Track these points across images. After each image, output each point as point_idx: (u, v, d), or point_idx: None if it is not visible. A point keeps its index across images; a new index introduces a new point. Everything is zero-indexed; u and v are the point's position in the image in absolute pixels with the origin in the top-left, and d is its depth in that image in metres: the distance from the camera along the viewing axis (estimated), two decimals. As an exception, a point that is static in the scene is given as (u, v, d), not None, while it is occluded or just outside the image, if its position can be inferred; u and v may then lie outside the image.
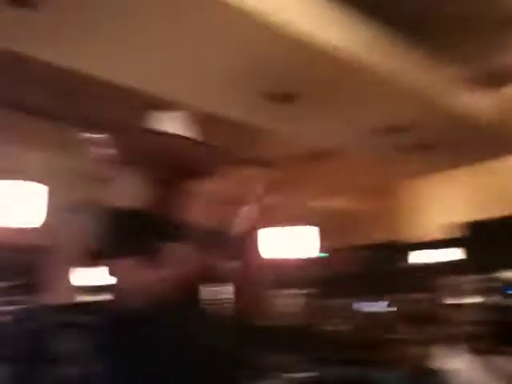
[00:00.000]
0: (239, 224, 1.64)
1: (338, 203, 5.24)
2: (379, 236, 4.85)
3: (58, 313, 5.44)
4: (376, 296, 3.54)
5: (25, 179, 3.23)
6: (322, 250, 4.35)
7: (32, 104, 3.59)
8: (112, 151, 1.75)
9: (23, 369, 4.43)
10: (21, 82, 3.16)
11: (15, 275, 5.34)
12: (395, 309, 3.56)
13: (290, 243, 4.31)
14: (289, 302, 4.27)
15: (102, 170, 1.83)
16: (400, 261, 4.69)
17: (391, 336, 3.28)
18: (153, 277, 1.59)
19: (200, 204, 1.86)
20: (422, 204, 5.25)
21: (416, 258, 4.80)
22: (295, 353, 3.80)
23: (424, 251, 4.78)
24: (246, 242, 1.68)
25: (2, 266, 7.28)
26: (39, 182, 3.23)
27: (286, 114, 3.71)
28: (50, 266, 8.19)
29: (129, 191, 1.81)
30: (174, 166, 1.76)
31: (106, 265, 1.66)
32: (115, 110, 4.00)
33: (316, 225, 4.41)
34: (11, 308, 5.26)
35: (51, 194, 3.68)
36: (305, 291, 4.10)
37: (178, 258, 1.65)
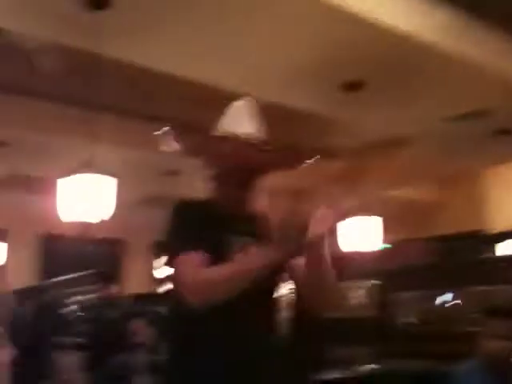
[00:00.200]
0: (315, 222, 1.58)
1: (410, 193, 5.13)
2: (453, 226, 4.72)
3: (133, 302, 5.63)
4: (450, 287, 3.44)
5: (96, 173, 3.31)
6: (391, 240, 4.28)
7: (105, 101, 3.72)
8: (182, 146, 1.71)
9: (99, 357, 4.62)
10: (94, 79, 3.27)
11: (89, 266, 5.55)
12: (469, 300, 3.44)
13: (355, 234, 4.26)
14: (358, 294, 4.21)
15: (172, 164, 1.82)
16: (478, 251, 4.54)
17: (466, 329, 3.18)
18: (219, 273, 1.52)
19: (267, 198, 1.85)
20: (499, 193, 5.05)
21: (498, 248, 4.64)
22: (365, 345, 3.75)
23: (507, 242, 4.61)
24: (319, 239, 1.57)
25: (78, 258, 7.62)
26: (110, 175, 3.31)
27: (358, 102, 3.67)
28: (125, 258, 8.49)
29: (198, 185, 1.79)
30: (242, 163, 1.70)
31: (172, 258, 1.60)
32: (186, 107, 4.08)
33: (385, 215, 4.33)
34: (86, 297, 5.46)
35: (122, 188, 3.79)
36: (374, 283, 4.03)
37: (249, 254, 1.61)
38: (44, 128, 4.92)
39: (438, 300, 3.57)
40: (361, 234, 4.20)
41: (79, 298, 5.62)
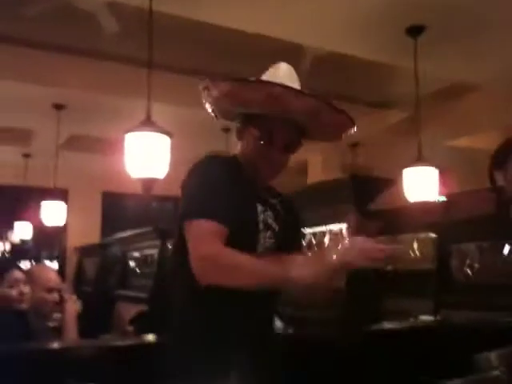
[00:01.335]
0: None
1: (473, 142, 4.99)
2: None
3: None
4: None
5: (154, 131, 3.36)
6: (449, 192, 4.19)
7: (164, 60, 3.75)
8: (221, 91, 1.59)
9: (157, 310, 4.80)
10: (154, 39, 3.29)
11: (149, 224, 5.70)
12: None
13: (411, 185, 4.19)
14: (415, 246, 4.17)
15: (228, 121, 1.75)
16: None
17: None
18: (242, 264, 1.42)
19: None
20: None
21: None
22: (423, 298, 3.75)
23: None
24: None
25: (137, 216, 7.83)
26: (167, 134, 3.36)
27: (422, 49, 3.56)
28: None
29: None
30: (283, 109, 1.55)
31: (191, 218, 1.48)
32: (249, 61, 4.06)
33: (445, 166, 4.23)
34: (147, 253, 5.62)
35: (180, 146, 3.84)
36: (432, 235, 3.98)
37: (282, 260, 1.47)
38: (100, 88, 5.02)
39: (499, 252, 3.50)
40: (418, 186, 4.13)
41: (140, 253, 5.80)
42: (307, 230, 3.82)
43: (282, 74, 1.64)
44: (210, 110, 1.74)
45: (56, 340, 2.88)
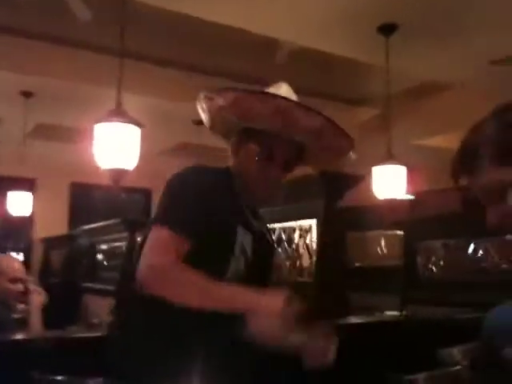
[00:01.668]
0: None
1: (446, 142, 5.07)
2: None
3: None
4: (476, 237, 3.43)
5: (123, 121, 3.32)
6: (416, 190, 4.26)
7: (137, 49, 3.71)
8: (225, 101, 1.52)
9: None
10: (128, 27, 3.24)
11: (117, 216, 5.64)
12: (496, 251, 3.44)
13: (379, 183, 4.25)
14: (382, 243, 4.24)
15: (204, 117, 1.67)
16: None
17: (494, 278, 3.21)
18: (191, 283, 1.34)
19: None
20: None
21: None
22: (390, 294, 3.81)
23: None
24: None
25: (105, 207, 7.74)
26: (137, 124, 3.33)
27: (396, 46, 3.59)
28: (153, 207, 8.59)
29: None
30: (288, 125, 1.50)
31: (156, 224, 1.43)
32: (217, 52, 4.03)
33: (413, 165, 4.30)
34: (115, 245, 5.56)
35: (151, 137, 3.81)
36: (399, 232, 4.04)
37: (235, 289, 1.40)
38: (70, 76, 4.94)
39: (464, 249, 3.57)
40: (387, 184, 4.19)
41: (108, 245, 5.74)
42: (277, 225, 3.83)
43: (284, 93, 1.59)
44: (206, 121, 1.68)
45: (20, 331, 2.82)
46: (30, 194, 6.26)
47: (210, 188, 1.48)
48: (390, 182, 4.18)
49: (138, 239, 5.13)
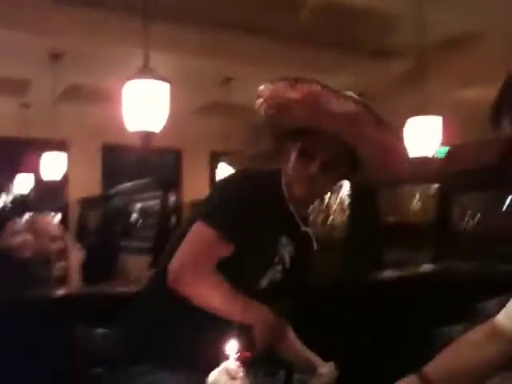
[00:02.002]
0: None
1: (478, 94, 4.92)
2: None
3: (191, 209, 5.80)
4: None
5: (152, 79, 3.29)
6: (453, 143, 4.16)
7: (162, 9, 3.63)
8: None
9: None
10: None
11: (149, 175, 5.69)
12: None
13: (412, 137, 4.16)
14: (418, 197, 4.18)
15: (229, 71, 1.60)
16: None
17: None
18: (212, 291, 1.38)
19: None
20: None
21: None
22: (425, 248, 3.78)
23: None
24: None
25: (137, 168, 7.81)
26: (167, 81, 3.29)
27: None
28: (183, 166, 8.64)
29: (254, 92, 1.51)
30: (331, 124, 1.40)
31: (199, 221, 1.42)
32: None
33: (449, 117, 4.19)
34: (149, 204, 5.62)
35: (180, 96, 3.78)
36: (435, 186, 3.98)
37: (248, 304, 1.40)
38: (97, 37, 4.91)
39: (499, 202, 3.50)
40: (421, 137, 4.10)
41: (142, 204, 5.81)
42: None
43: None
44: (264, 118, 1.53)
45: (60, 287, 2.90)
46: (64, 155, 6.33)
47: (258, 196, 1.45)
48: (424, 136, 4.09)
49: (172, 198, 5.20)
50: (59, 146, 6.43)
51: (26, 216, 3.33)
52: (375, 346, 2.41)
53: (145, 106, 3.27)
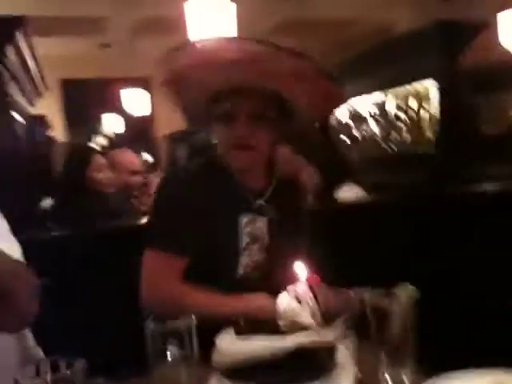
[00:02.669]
0: None
1: None
2: None
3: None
4: None
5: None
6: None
7: None
8: None
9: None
10: None
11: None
12: None
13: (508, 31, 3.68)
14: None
15: None
16: None
17: None
18: (191, 302, 1.30)
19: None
20: None
21: None
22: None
23: None
24: None
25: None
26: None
27: None
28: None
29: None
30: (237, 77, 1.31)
31: (148, 248, 1.37)
32: None
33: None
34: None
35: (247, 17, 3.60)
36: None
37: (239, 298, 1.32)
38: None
39: None
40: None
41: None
42: (381, 94, 3.49)
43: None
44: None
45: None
46: (146, 92, 6.39)
47: (192, 192, 1.36)
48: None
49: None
50: (141, 83, 6.48)
51: (109, 152, 3.39)
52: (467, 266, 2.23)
53: (210, 26, 3.13)
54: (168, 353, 0.95)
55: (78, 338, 1.42)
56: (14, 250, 1.19)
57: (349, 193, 2.63)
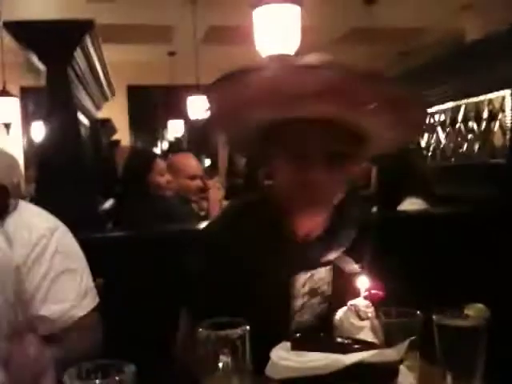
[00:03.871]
0: None
1: None
2: None
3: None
4: None
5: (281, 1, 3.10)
6: None
7: None
8: None
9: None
10: None
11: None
12: None
13: None
14: None
15: None
16: None
17: None
18: None
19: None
20: None
21: None
22: None
23: None
24: None
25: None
26: (295, 2, 3.09)
27: None
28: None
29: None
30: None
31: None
32: None
33: None
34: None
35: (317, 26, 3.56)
36: None
37: None
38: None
39: None
40: None
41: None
42: (452, 103, 3.34)
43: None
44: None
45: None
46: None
47: (243, 249, 1.17)
48: None
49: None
50: (205, 90, 6.54)
51: (170, 156, 3.43)
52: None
53: (277, 29, 3.11)
54: (220, 363, 0.91)
55: (126, 341, 1.40)
56: None
57: (411, 206, 2.54)
